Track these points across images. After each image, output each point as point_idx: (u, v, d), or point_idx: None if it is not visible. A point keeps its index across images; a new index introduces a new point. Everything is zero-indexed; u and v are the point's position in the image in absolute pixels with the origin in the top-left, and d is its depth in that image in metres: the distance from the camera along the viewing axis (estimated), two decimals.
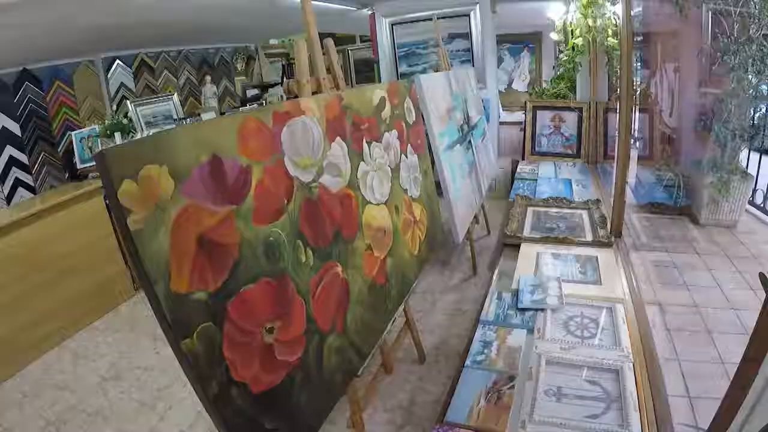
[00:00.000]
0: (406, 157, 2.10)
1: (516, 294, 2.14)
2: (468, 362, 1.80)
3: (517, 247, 2.63)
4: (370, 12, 5.15)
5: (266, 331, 1.19)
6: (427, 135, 2.47)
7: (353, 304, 1.58)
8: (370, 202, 1.73)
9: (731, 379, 0.98)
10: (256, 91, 7.55)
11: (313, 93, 1.61)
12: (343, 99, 1.63)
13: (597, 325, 1.93)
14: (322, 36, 1.68)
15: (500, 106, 6.38)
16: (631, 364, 1.72)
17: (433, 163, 2.51)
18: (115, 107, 6.90)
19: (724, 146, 3.23)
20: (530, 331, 1.93)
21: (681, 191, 3.49)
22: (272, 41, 9.98)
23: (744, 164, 3.30)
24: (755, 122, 3.14)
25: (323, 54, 1.73)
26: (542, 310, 2.01)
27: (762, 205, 3.41)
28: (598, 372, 1.70)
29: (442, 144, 2.53)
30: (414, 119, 2.27)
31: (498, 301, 2.13)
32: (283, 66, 9.03)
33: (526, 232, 2.76)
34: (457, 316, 2.80)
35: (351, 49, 9.37)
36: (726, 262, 2.92)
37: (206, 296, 1.01)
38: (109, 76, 6.89)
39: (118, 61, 6.89)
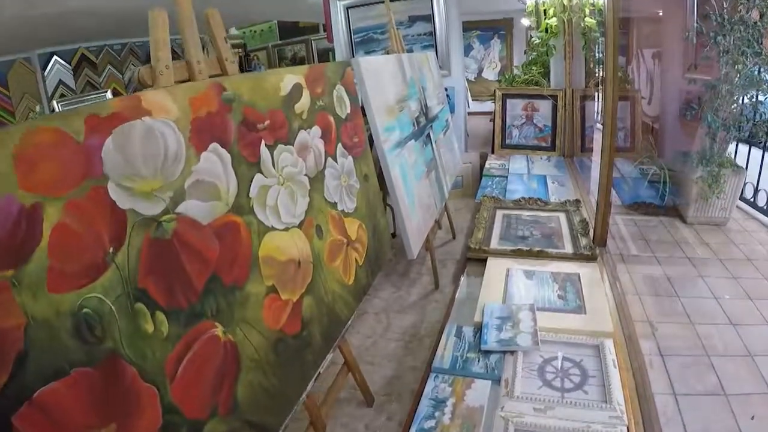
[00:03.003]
0: (335, 160, 1.65)
1: (479, 329, 1.71)
2: (413, 431, 1.37)
3: (484, 260, 2.20)
4: None
5: None
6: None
7: (247, 372, 1.14)
8: (274, 228, 1.27)
9: None
10: None
11: (183, 82, 1.15)
12: (224, 89, 1.17)
13: (581, 371, 1.51)
14: (285, 25, 1.20)
15: (469, 95, 5.97)
16: (626, 429, 1.31)
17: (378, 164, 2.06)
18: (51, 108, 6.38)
19: (714, 137, 2.90)
20: (496, 381, 1.51)
21: (667, 187, 3.15)
22: (233, 31, 9.42)
23: (732, 156, 3.01)
24: (747, 111, 2.82)
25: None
26: (512, 352, 1.58)
27: (752, 200, 3.11)
28: None
29: (389, 141, 2.08)
30: (349, 112, 1.81)
31: (456, 339, 1.69)
32: (240, 58, 8.48)
33: (495, 242, 2.33)
34: (413, 343, 2.36)
35: (314, 39, 8.91)
36: (720, 268, 2.59)
37: None
38: (46, 73, 6.38)
39: (55, 57, 6.37)
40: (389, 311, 2.64)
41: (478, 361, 1.58)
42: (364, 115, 2.00)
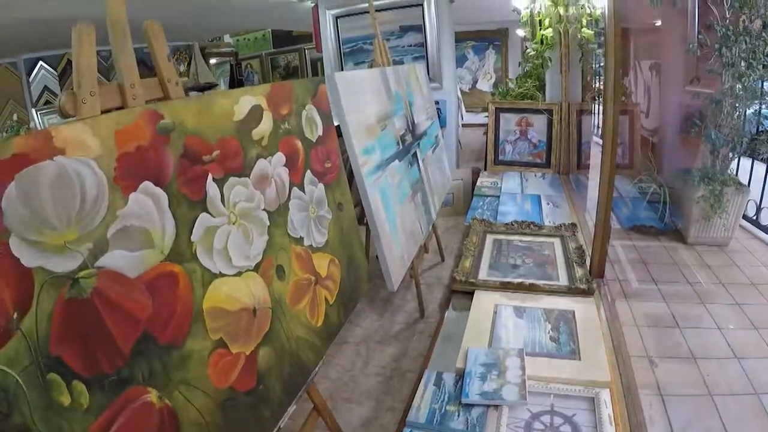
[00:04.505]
0: (302, 190, 1.49)
1: (461, 376, 1.55)
2: None
3: (471, 293, 2.04)
4: (312, 4, 4.56)
5: None
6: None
7: None
8: (222, 274, 1.11)
9: None
10: (196, 93, 6.92)
11: (116, 110, 1.00)
12: (161, 117, 1.01)
13: (573, 429, 1.35)
14: (279, 34, 1.05)
15: (463, 107, 5.84)
16: None
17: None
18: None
19: (716, 154, 2.76)
20: None
21: (667, 207, 3.00)
22: (226, 38, 9.29)
23: (734, 173, 2.87)
24: (751, 125, 2.69)
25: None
26: (496, 406, 1.42)
27: (755, 218, 2.96)
28: None
29: (368, 164, 1.93)
30: (321, 134, 1.65)
31: (435, 388, 1.52)
32: (231, 66, 8.34)
33: (483, 273, 2.17)
34: (394, 379, 2.20)
35: (308, 48, 8.79)
36: (724, 294, 2.45)
37: None
38: (31, 79, 6.26)
39: (41, 62, 6.25)
40: (370, 341, 2.48)
41: (458, 415, 1.41)
42: (341, 135, 1.85)
